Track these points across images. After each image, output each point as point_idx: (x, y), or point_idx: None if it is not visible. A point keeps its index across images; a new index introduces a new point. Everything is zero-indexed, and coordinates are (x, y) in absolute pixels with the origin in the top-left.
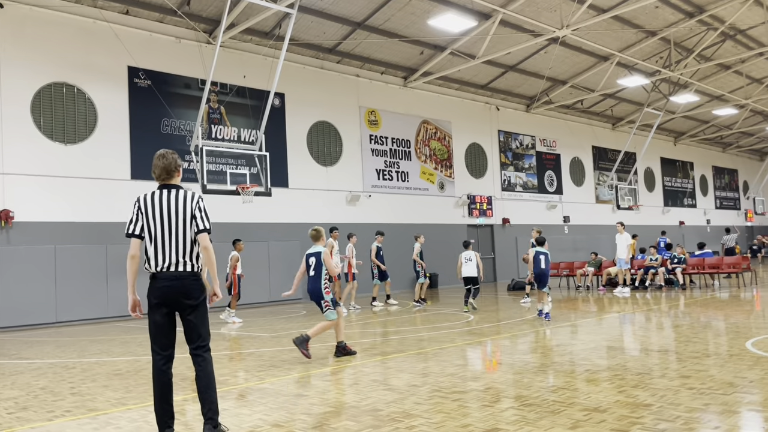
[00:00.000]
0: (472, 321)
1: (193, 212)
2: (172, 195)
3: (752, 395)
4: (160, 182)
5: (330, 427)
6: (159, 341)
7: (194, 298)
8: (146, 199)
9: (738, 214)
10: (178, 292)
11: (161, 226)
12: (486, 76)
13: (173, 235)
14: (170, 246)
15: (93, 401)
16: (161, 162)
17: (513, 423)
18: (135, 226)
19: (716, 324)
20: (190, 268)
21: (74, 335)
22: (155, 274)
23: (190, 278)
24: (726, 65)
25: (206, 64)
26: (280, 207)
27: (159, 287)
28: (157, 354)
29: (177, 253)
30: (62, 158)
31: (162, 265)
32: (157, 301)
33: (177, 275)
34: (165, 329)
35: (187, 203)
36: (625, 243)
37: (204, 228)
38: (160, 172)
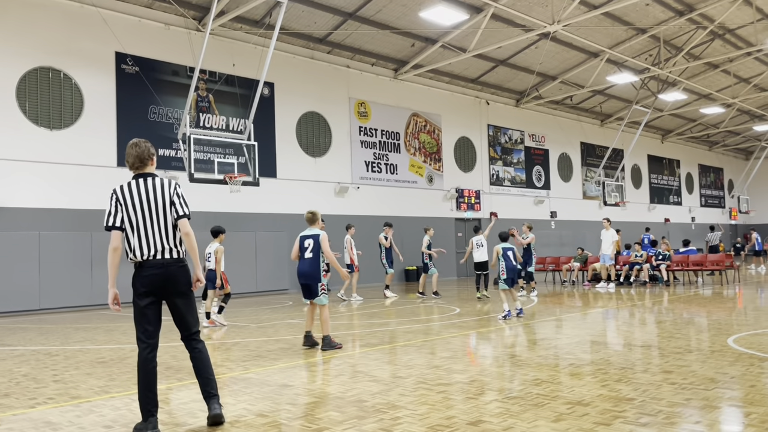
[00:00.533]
0: (458, 313)
1: (172, 198)
2: (149, 183)
3: (733, 391)
4: (135, 171)
5: (315, 418)
6: (144, 329)
7: (182, 284)
8: (123, 190)
9: (722, 212)
10: (165, 279)
11: (142, 215)
12: (476, 70)
13: (155, 223)
14: (154, 234)
15: (76, 389)
16: (134, 150)
17: (497, 415)
18: (115, 219)
19: (699, 320)
20: (176, 255)
21: (58, 322)
22: (141, 262)
23: (177, 265)
24: (714, 64)
25: (195, 52)
26: (268, 197)
27: (146, 275)
28: (143, 342)
29: (161, 241)
30: (48, 144)
31: (147, 254)
32: (145, 289)
33: (163, 262)
34: (151, 317)
35: (165, 190)
36: (611, 239)
37: (184, 213)
38: (133, 161)
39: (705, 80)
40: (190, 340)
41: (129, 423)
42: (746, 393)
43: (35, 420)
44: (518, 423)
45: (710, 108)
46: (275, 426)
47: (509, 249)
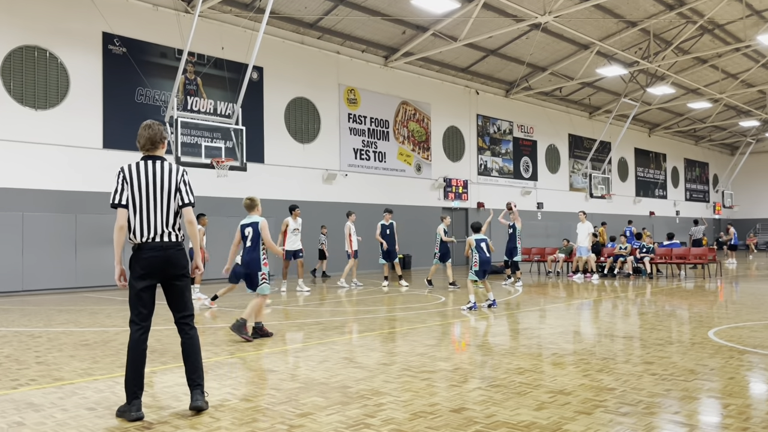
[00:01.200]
0: (443, 302)
1: (178, 185)
2: (157, 166)
3: (712, 382)
4: (145, 153)
5: (299, 403)
6: (139, 312)
7: (180, 267)
8: (130, 170)
9: (707, 206)
10: (164, 262)
11: (146, 196)
12: (467, 59)
13: (158, 206)
14: (155, 217)
15: (59, 371)
16: (147, 132)
17: (480, 403)
18: (121, 196)
19: (680, 313)
20: (175, 239)
21: (41, 304)
22: (140, 244)
23: (175, 248)
24: (703, 59)
25: (184, 34)
26: (255, 183)
27: (145, 258)
28: (136, 324)
29: (162, 224)
30: (32, 124)
31: (147, 236)
32: (143, 271)
33: (162, 245)
34: (146, 301)
35: (172, 175)
36: (586, 231)
37: (189, 202)
38: (144, 143)
39: (693, 75)
40: (183, 324)
41: (112, 405)
42: (725, 385)
43: (17, 401)
44: (501, 411)
45: (698, 103)
46: (259, 411)
47: (482, 240)
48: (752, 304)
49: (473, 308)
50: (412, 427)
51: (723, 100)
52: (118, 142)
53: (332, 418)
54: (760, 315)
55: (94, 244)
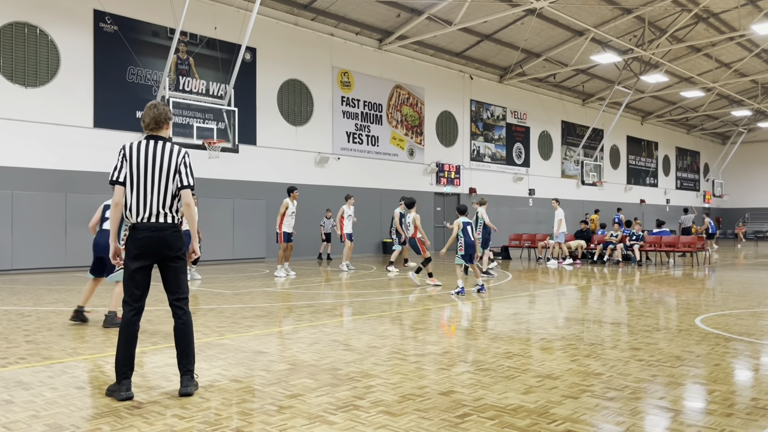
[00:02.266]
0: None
1: (178, 167)
2: (159, 146)
3: (698, 369)
4: (148, 132)
5: (289, 384)
6: (132, 293)
7: (175, 249)
8: (132, 148)
9: (697, 195)
10: (158, 243)
11: (144, 175)
12: (461, 44)
13: (155, 186)
14: (151, 196)
15: (48, 350)
16: (152, 112)
17: (468, 386)
18: (119, 174)
19: (668, 300)
20: (171, 220)
21: (30, 283)
22: (135, 224)
23: (171, 230)
24: (697, 48)
25: (176, 13)
26: (247, 164)
27: (139, 238)
28: (128, 305)
29: (157, 205)
30: (22, 101)
31: (142, 215)
32: (137, 252)
33: (157, 226)
34: (140, 281)
35: (173, 157)
36: (557, 218)
37: (188, 184)
38: (149, 122)
39: (687, 63)
40: (177, 307)
41: (101, 384)
42: (710, 371)
43: (6, 379)
44: (489, 394)
45: (690, 91)
46: (249, 391)
47: (468, 223)
48: (739, 292)
49: (461, 293)
50: (401, 409)
51: (716, 89)
52: (109, 122)
53: (321, 400)
54: (747, 303)
55: (85, 224)
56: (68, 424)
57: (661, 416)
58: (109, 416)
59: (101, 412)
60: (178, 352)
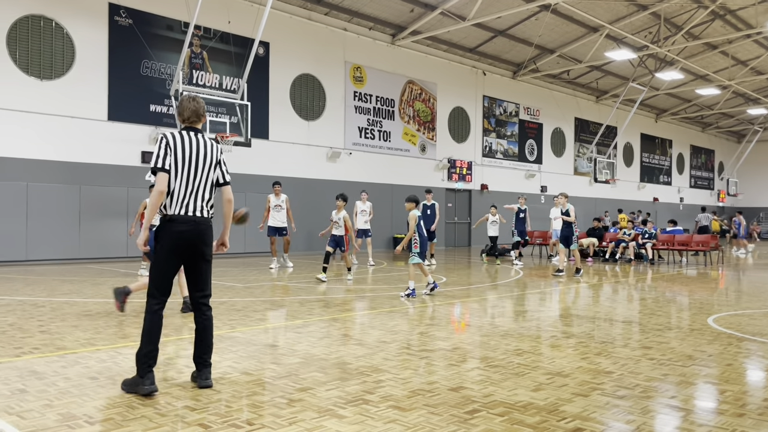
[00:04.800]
0: (445, 282)
1: (219, 161)
2: (200, 139)
3: (709, 368)
4: (187, 125)
5: (299, 378)
6: (162, 286)
7: (208, 244)
8: (175, 137)
9: (711, 194)
10: (195, 237)
11: (188, 168)
12: (475, 40)
13: (197, 179)
14: (193, 190)
15: (62, 340)
16: (192, 105)
17: (478, 382)
18: (164, 161)
19: (680, 299)
20: (207, 215)
21: (44, 274)
22: (172, 217)
23: (206, 224)
24: (713, 45)
25: (190, 7)
26: (260, 159)
27: (177, 231)
28: (155, 298)
29: (199, 198)
30: (38, 94)
31: (181, 208)
32: (172, 245)
33: (195, 219)
34: (171, 274)
35: (214, 151)
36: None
37: (229, 180)
38: (189, 115)
39: (703, 61)
40: (202, 304)
41: (114, 375)
42: (722, 371)
43: (20, 369)
44: (498, 390)
45: (706, 89)
46: (259, 384)
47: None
48: (752, 292)
49: (412, 295)
50: (411, 404)
51: (732, 87)
52: (123, 115)
53: (331, 393)
54: (760, 303)
55: (98, 216)
56: (81, 414)
57: (672, 415)
58: (120, 406)
59: (113, 402)
60: (199, 347)
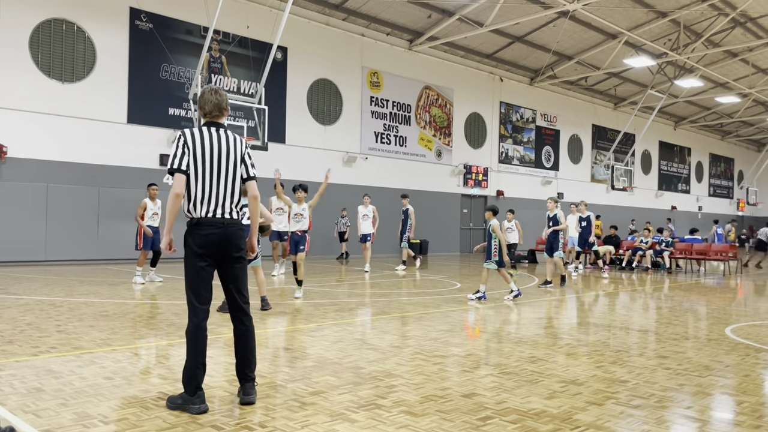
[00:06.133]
0: (459, 288)
1: (243, 157)
2: (222, 134)
3: (726, 379)
4: (209, 119)
5: (312, 381)
6: (199, 294)
7: (240, 248)
8: (193, 135)
9: (730, 203)
10: (224, 240)
11: (210, 166)
12: (492, 46)
13: (222, 177)
14: (218, 189)
15: (78, 340)
16: (215, 97)
17: (491, 389)
18: (180, 161)
19: (698, 309)
20: (237, 216)
21: (62, 274)
22: (199, 220)
23: (236, 226)
24: (733, 53)
25: (210, 12)
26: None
27: (204, 235)
28: (196, 308)
29: (226, 198)
30: (59, 96)
31: (208, 210)
32: (201, 250)
33: (224, 222)
34: (208, 282)
35: (237, 146)
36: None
37: (253, 175)
38: (211, 108)
39: (722, 68)
40: (240, 311)
41: (130, 375)
42: (740, 382)
43: (38, 368)
44: (511, 398)
45: (726, 97)
46: (272, 387)
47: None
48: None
49: (483, 298)
50: (423, 409)
51: (752, 95)
52: (142, 118)
53: (344, 398)
54: None
55: (116, 218)
56: (96, 413)
57: (688, 426)
58: (135, 407)
59: (128, 402)
60: (239, 360)
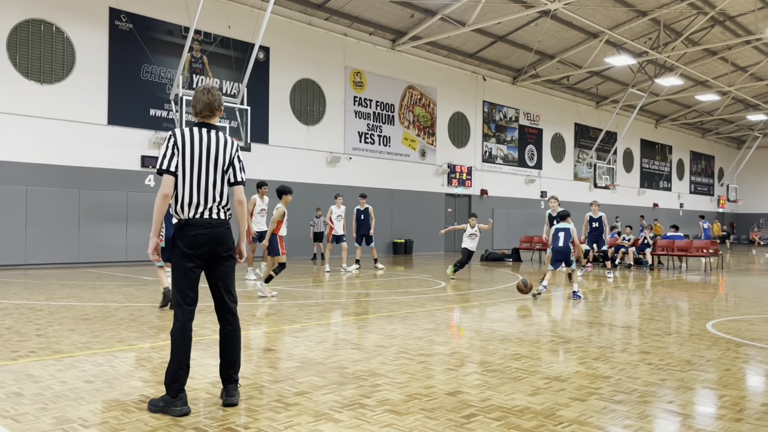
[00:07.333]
0: (444, 288)
1: (233, 160)
2: (212, 136)
3: (708, 373)
4: (200, 119)
5: (295, 382)
6: (186, 294)
7: (228, 247)
8: (183, 135)
9: (711, 200)
10: (211, 240)
11: (198, 167)
12: (475, 45)
13: (210, 178)
14: (207, 190)
15: (59, 343)
16: (206, 97)
17: (475, 387)
18: (170, 162)
19: (680, 304)
20: (224, 216)
21: (42, 278)
22: (187, 221)
23: (224, 227)
24: (713, 51)
25: (190, 11)
26: (259, 163)
27: (192, 235)
28: (182, 308)
29: (213, 199)
30: (37, 98)
31: (196, 211)
32: (189, 251)
33: (212, 222)
34: (194, 283)
35: (227, 148)
36: None
37: (242, 180)
38: (202, 108)
39: (702, 67)
40: (228, 312)
41: (111, 379)
42: (721, 376)
43: (17, 372)
44: (495, 395)
45: (706, 95)
46: (256, 388)
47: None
48: (752, 298)
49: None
50: (407, 408)
51: (731, 93)
52: (123, 119)
53: (328, 398)
54: (759, 308)
55: (97, 220)
56: (76, 417)
57: (670, 420)
58: (116, 410)
59: (109, 405)
60: (224, 362)
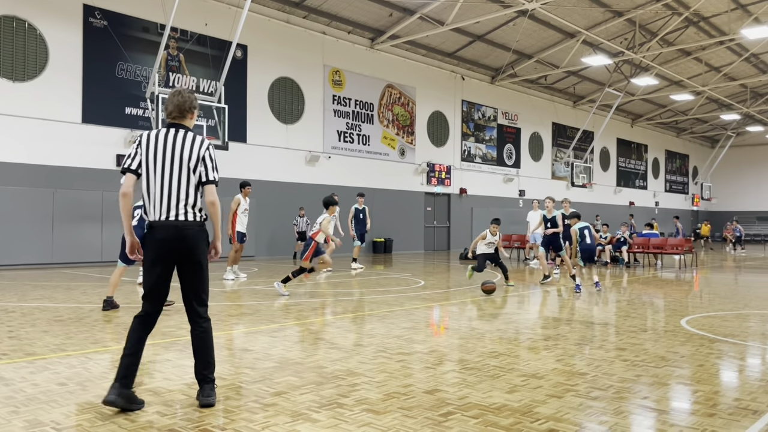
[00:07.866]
0: (423, 286)
1: (202, 158)
2: (179, 135)
3: (682, 369)
4: (170, 120)
5: (273, 382)
6: (151, 297)
7: (199, 249)
8: (149, 136)
9: (685, 198)
10: (177, 243)
11: (162, 167)
12: (453, 44)
13: (174, 179)
14: (170, 192)
15: (31, 346)
16: (176, 99)
17: (453, 385)
18: (132, 162)
19: (655, 301)
20: (193, 218)
21: (15, 279)
22: (152, 223)
23: (194, 228)
24: (687, 51)
25: (166, 8)
26: (237, 162)
27: (158, 238)
28: (144, 302)
29: (178, 201)
30: (9, 96)
31: (161, 214)
32: (155, 254)
33: (177, 225)
34: (161, 284)
35: (194, 147)
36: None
37: (213, 179)
38: (172, 109)
39: (677, 67)
40: (195, 315)
41: (84, 381)
42: (694, 372)
43: None
44: (473, 393)
45: (680, 95)
46: (234, 389)
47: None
48: (725, 294)
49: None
50: (385, 407)
51: (705, 93)
52: (98, 117)
53: (306, 398)
54: (732, 305)
55: (72, 220)
56: (48, 420)
57: (645, 416)
58: (90, 412)
59: (82, 408)
60: (198, 362)
